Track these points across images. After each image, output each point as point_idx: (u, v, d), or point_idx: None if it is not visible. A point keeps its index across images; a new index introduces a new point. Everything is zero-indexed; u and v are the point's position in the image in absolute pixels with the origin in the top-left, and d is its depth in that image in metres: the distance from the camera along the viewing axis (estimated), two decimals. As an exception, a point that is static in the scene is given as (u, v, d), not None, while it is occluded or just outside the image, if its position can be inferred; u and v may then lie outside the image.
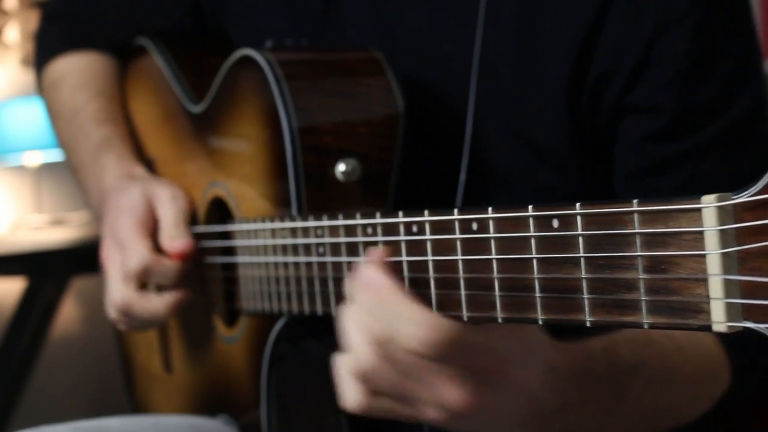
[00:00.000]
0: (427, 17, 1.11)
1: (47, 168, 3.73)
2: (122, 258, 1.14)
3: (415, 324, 0.75)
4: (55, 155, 3.47)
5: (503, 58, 1.07)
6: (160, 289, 1.15)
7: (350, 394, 0.81)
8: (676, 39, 1.02)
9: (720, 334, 1.00)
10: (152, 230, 1.16)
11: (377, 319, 0.78)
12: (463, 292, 0.74)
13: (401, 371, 0.78)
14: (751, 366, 1.04)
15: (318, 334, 1.06)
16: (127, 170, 1.24)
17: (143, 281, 1.14)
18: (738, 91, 1.05)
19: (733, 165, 1.04)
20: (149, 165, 1.32)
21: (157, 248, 1.14)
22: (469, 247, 0.73)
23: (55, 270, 3.07)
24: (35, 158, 3.66)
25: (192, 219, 1.20)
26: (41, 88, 1.42)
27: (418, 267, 0.79)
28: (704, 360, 0.99)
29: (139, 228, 1.14)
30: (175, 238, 1.14)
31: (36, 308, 3.00)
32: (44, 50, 1.42)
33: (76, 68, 1.37)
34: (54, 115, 1.39)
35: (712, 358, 1.00)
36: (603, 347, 0.89)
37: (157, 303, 1.14)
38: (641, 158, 1.05)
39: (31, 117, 3.52)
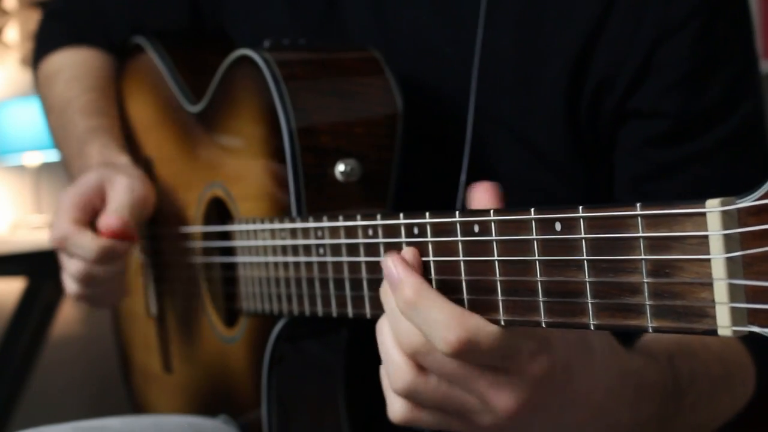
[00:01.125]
0: (427, 18, 1.11)
1: (47, 168, 3.73)
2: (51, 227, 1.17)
3: (447, 328, 0.70)
4: (55, 155, 3.46)
5: (503, 60, 1.06)
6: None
7: (395, 409, 0.77)
8: (678, 44, 1.02)
9: (745, 340, 1.00)
10: (92, 209, 1.16)
11: (409, 330, 0.73)
12: (465, 295, 0.73)
13: (445, 381, 0.74)
14: None
15: (318, 335, 1.06)
16: (109, 159, 1.23)
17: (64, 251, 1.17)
18: (739, 96, 1.05)
19: (735, 170, 1.04)
20: (147, 165, 1.31)
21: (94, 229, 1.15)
22: (471, 249, 0.73)
23: (55, 270, 3.05)
24: (35, 158, 3.66)
25: (188, 219, 1.20)
26: (38, 83, 1.42)
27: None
28: (738, 368, 0.99)
29: (74, 202, 1.15)
30: (108, 216, 1.14)
31: (36, 308, 3.00)
32: (42, 45, 1.42)
33: (72, 62, 1.37)
34: (48, 108, 1.38)
35: (743, 364, 1.00)
36: (666, 359, 0.86)
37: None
38: (642, 163, 1.05)
39: (31, 117, 3.52)
